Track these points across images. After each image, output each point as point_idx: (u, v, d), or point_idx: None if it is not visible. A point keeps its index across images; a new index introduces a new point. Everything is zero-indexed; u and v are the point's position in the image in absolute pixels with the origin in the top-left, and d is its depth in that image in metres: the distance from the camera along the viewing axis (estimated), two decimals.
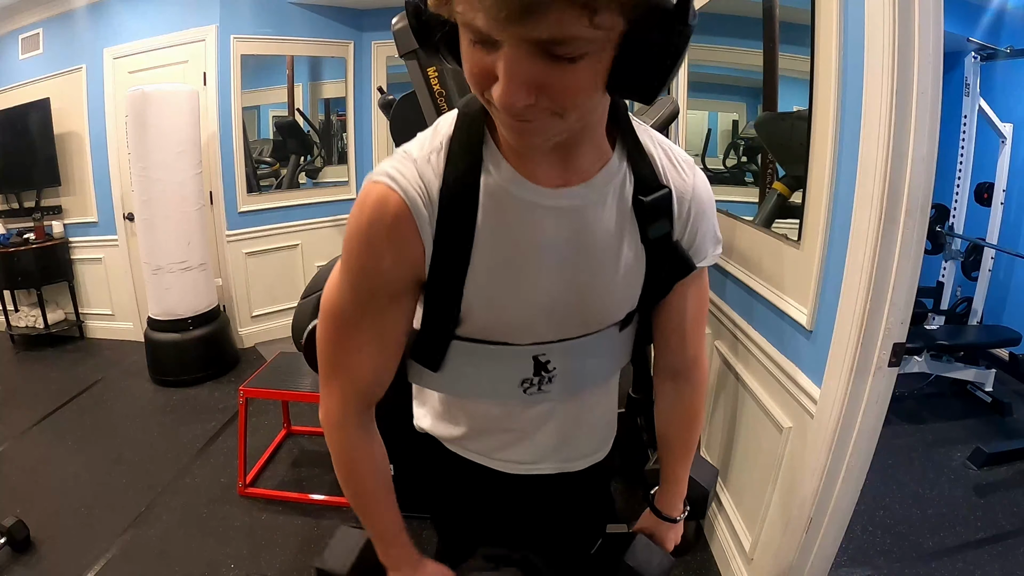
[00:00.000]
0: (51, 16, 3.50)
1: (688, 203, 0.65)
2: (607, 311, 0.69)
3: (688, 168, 0.66)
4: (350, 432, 0.70)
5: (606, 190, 0.61)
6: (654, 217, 0.63)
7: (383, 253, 0.58)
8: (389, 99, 2.71)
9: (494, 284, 0.61)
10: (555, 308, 0.65)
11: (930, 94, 1.01)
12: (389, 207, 0.57)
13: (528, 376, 0.70)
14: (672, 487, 0.88)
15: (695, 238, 0.67)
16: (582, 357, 0.71)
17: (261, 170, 3.77)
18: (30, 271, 3.62)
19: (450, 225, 0.58)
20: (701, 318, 0.79)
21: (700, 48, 2.26)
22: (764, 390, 1.57)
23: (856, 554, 1.86)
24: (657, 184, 0.63)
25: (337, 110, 4.00)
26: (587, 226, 0.61)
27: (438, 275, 0.60)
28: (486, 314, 0.63)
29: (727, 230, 1.86)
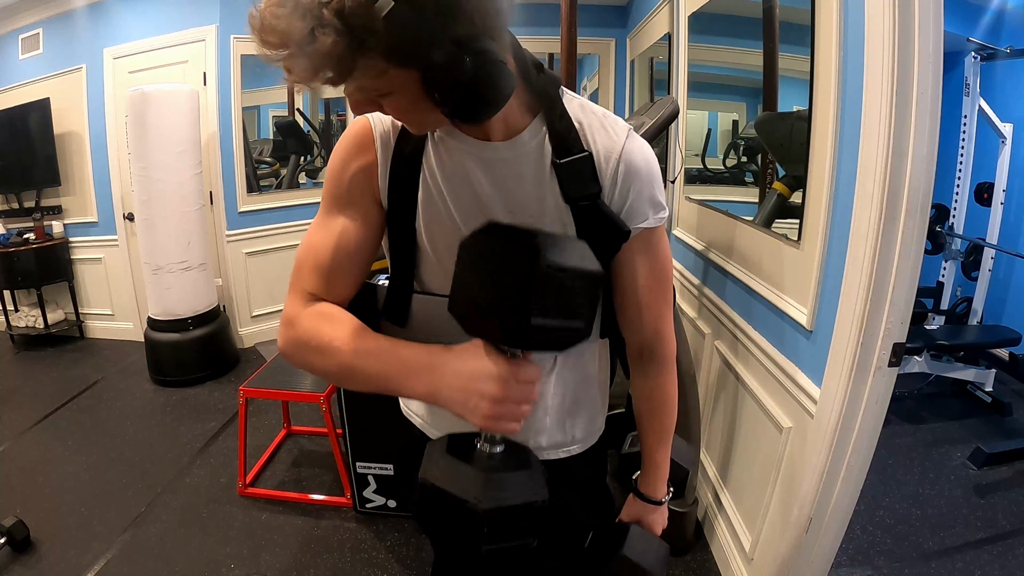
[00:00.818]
0: (51, 16, 3.50)
1: (615, 163, 0.68)
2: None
3: (620, 131, 0.70)
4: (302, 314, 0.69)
5: (526, 150, 0.68)
6: (571, 177, 0.68)
7: (346, 156, 0.71)
8: None
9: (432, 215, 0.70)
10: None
11: (930, 94, 1.01)
12: (357, 125, 0.72)
13: None
14: (653, 470, 0.88)
15: (626, 200, 0.70)
16: None
17: (261, 170, 3.77)
18: (30, 271, 3.62)
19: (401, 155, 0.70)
20: (660, 289, 0.78)
21: (700, 48, 2.26)
22: (764, 390, 1.57)
23: (856, 554, 1.86)
24: (577, 148, 0.68)
25: (337, 110, 4.00)
26: (511, 177, 0.69)
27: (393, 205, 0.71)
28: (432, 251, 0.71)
29: (727, 230, 1.86)
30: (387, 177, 0.71)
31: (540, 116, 0.69)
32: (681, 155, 2.40)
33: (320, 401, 2.07)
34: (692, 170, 2.41)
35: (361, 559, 1.88)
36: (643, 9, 3.26)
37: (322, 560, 1.88)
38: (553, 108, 0.68)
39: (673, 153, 2.47)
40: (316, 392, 2.09)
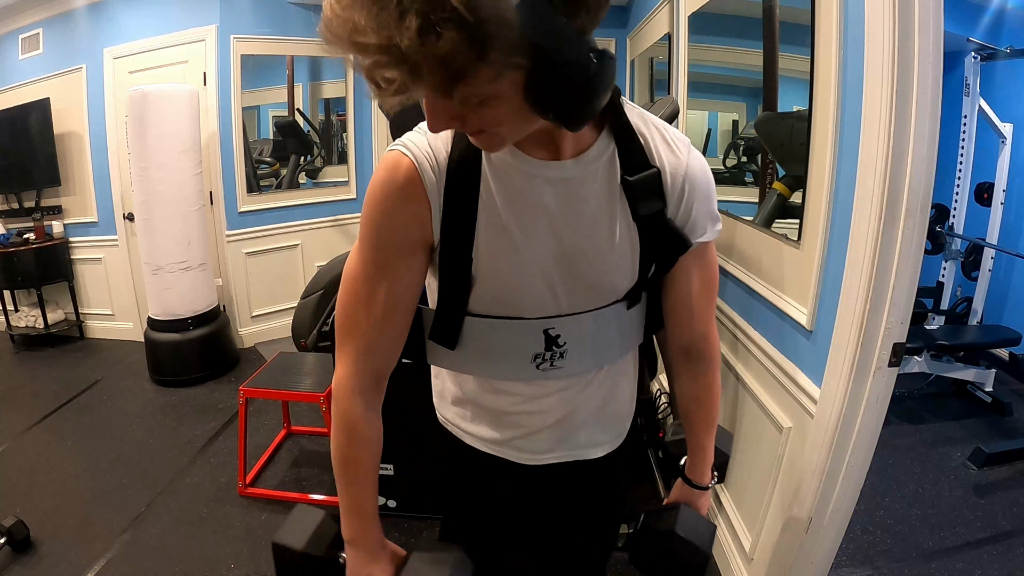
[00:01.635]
0: (51, 16, 3.50)
1: (681, 180, 0.68)
2: (606, 280, 0.71)
3: (682, 146, 0.69)
4: (355, 402, 0.72)
5: (594, 167, 0.65)
6: (642, 195, 0.66)
7: (394, 210, 0.64)
8: None
9: (497, 246, 0.66)
10: (555, 273, 0.68)
11: (930, 94, 1.01)
12: (400, 169, 0.63)
13: (540, 351, 0.72)
14: (701, 456, 0.91)
15: (690, 215, 0.70)
16: (591, 332, 0.74)
17: (261, 170, 3.77)
18: (30, 271, 3.62)
19: (456, 189, 0.63)
20: (708, 294, 0.80)
21: (700, 48, 2.26)
22: (764, 390, 1.57)
23: (856, 554, 1.86)
24: (645, 164, 0.66)
25: (337, 110, 4.00)
26: (579, 198, 0.65)
27: (448, 237, 0.65)
28: (493, 279, 0.67)
29: (727, 230, 1.86)
30: (440, 214, 0.65)
31: (607, 130, 0.66)
32: None
33: (320, 401, 2.07)
34: None
35: None
36: (643, 9, 3.26)
37: None
38: (619, 121, 0.66)
39: None
40: (316, 392, 2.09)
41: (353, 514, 0.76)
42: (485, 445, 0.83)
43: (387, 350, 0.72)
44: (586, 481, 0.87)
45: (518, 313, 0.70)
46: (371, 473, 0.75)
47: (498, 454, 0.82)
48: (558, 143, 0.63)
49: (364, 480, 0.75)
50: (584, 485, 0.87)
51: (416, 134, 0.65)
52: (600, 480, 0.89)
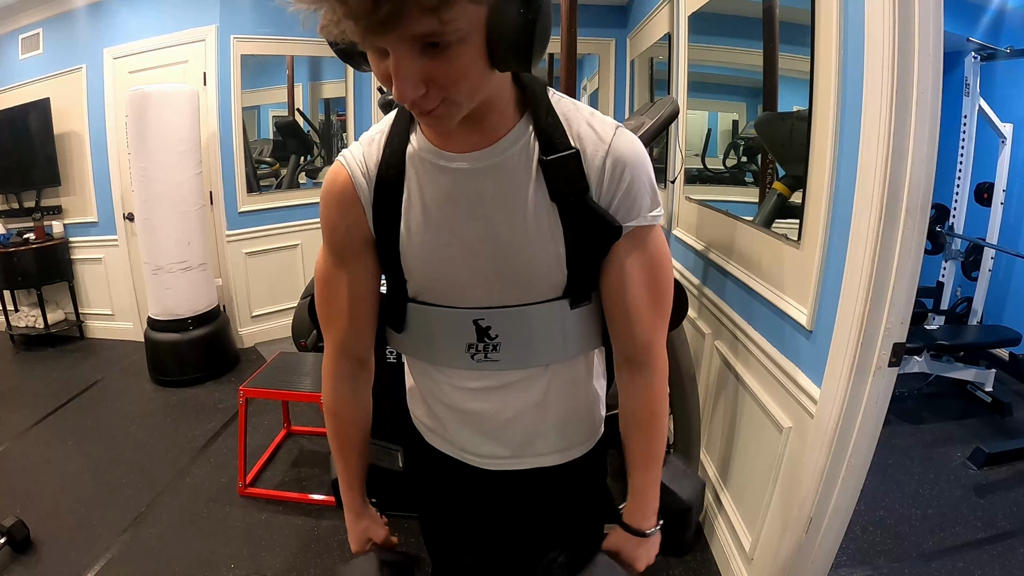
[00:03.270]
0: (51, 16, 3.50)
1: (603, 160, 0.66)
2: (530, 270, 0.69)
3: (607, 128, 0.67)
4: (337, 383, 0.82)
5: (511, 152, 0.66)
6: (560, 176, 0.66)
7: (335, 216, 0.72)
8: (389, 99, 2.71)
9: (422, 240, 0.69)
10: (478, 262, 0.69)
11: (930, 94, 1.01)
12: (338, 179, 0.71)
13: (472, 341, 0.73)
14: (637, 498, 0.81)
15: (614, 195, 0.66)
16: (525, 328, 0.72)
17: (261, 170, 3.77)
18: (30, 271, 3.62)
19: (383, 191, 0.69)
20: (653, 299, 0.73)
21: (700, 48, 2.26)
22: (764, 390, 1.57)
23: (856, 554, 1.86)
24: (565, 145, 0.66)
25: (337, 110, 4.00)
26: (495, 184, 0.67)
27: (380, 233, 0.71)
28: (420, 270, 0.71)
29: (727, 230, 1.86)
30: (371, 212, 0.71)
31: (527, 115, 0.67)
32: (681, 155, 2.40)
33: (320, 401, 2.07)
34: (692, 170, 2.41)
35: None
36: (643, 9, 3.26)
37: (322, 560, 1.88)
38: (539, 106, 0.66)
39: (673, 153, 2.47)
40: (316, 392, 2.09)
41: (342, 477, 0.87)
42: (446, 446, 0.85)
43: (360, 337, 0.79)
44: (549, 488, 0.84)
45: (449, 302, 0.72)
46: (358, 445, 0.86)
47: (458, 457, 0.84)
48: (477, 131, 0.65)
49: (351, 451, 0.86)
50: (547, 492, 0.85)
51: (355, 145, 0.72)
52: (565, 487, 0.86)
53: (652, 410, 0.79)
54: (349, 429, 0.84)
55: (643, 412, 0.79)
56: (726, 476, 1.86)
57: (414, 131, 0.68)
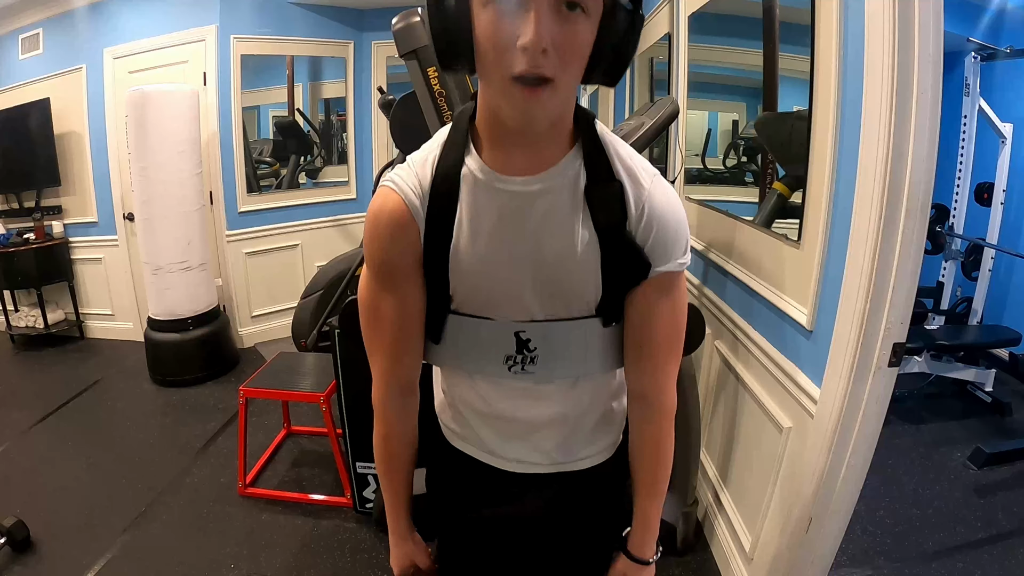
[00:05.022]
0: (51, 16, 3.50)
1: (643, 203, 0.70)
2: (571, 288, 0.73)
3: (647, 173, 0.71)
4: (386, 408, 0.84)
5: (561, 179, 0.69)
6: (603, 205, 0.69)
7: (388, 241, 0.72)
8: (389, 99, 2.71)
9: (471, 256, 0.71)
10: (523, 280, 0.72)
11: (930, 94, 1.01)
12: (388, 203, 0.71)
13: (511, 353, 0.76)
14: (642, 527, 0.86)
15: (649, 238, 0.71)
16: (563, 343, 0.76)
17: (261, 170, 3.77)
18: (30, 271, 3.62)
19: (437, 208, 0.71)
20: (669, 342, 0.77)
21: (700, 48, 2.26)
22: (764, 390, 1.57)
23: (856, 554, 1.86)
24: (610, 176, 0.70)
25: (337, 110, 4.00)
26: (544, 208, 0.69)
27: (430, 249, 0.72)
28: (468, 285, 0.73)
29: (727, 230, 1.86)
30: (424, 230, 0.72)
31: (578, 145, 0.70)
32: (681, 155, 2.40)
33: (320, 401, 2.07)
34: (692, 170, 2.41)
35: (361, 559, 1.88)
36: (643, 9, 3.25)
37: (322, 560, 1.88)
38: (589, 137, 0.70)
39: (673, 153, 2.47)
40: (316, 392, 2.09)
41: (389, 502, 0.90)
42: (473, 450, 0.87)
43: (407, 361, 0.80)
44: (573, 491, 0.87)
45: (491, 314, 0.75)
46: (406, 467, 0.88)
47: (485, 460, 0.86)
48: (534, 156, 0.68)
49: (399, 475, 0.88)
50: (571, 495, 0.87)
51: (403, 169, 0.73)
52: (589, 491, 0.88)
53: (658, 446, 0.83)
54: (400, 454, 0.87)
55: (649, 447, 0.83)
56: (726, 476, 1.86)
57: (469, 153, 0.70)
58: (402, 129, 2.44)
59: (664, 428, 0.82)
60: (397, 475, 0.88)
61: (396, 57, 2.20)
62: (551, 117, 0.63)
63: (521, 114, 0.61)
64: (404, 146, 2.57)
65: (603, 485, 0.89)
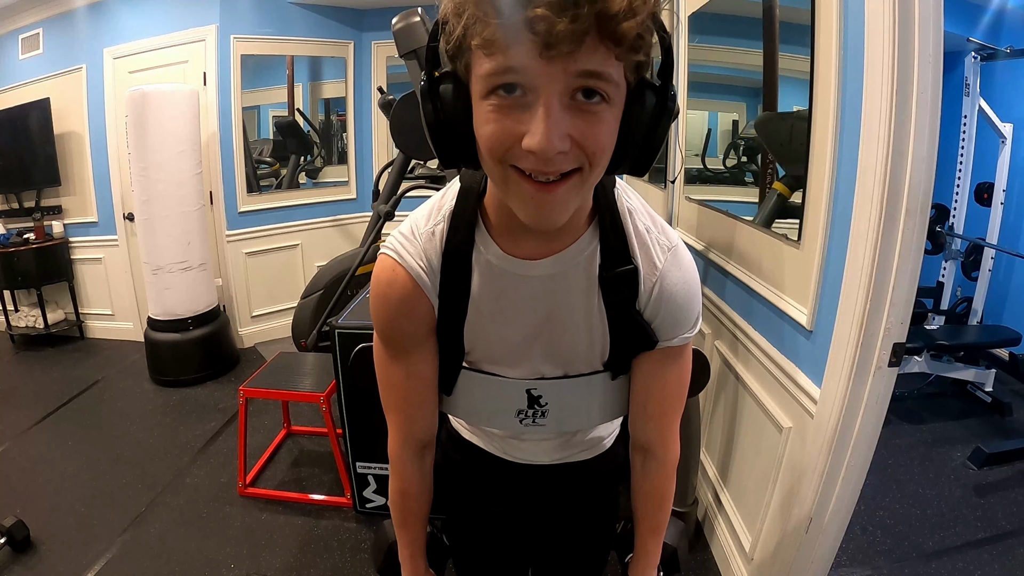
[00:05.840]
0: (51, 16, 3.50)
1: (654, 284, 0.69)
2: (579, 357, 0.75)
3: (663, 249, 0.69)
4: (402, 464, 0.84)
5: (575, 262, 0.68)
6: (616, 289, 0.69)
7: (398, 316, 0.71)
8: (389, 99, 2.71)
9: (485, 328, 0.73)
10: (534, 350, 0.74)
11: (930, 94, 1.01)
12: (398, 280, 0.69)
13: (523, 408, 0.78)
14: (643, 557, 0.90)
15: (658, 316, 0.71)
16: (573, 397, 0.78)
17: (261, 170, 3.77)
18: (30, 271, 3.62)
19: (450, 287, 0.70)
20: (672, 401, 0.79)
21: (700, 48, 2.26)
22: (764, 390, 1.57)
23: (856, 554, 1.86)
24: (625, 259, 0.68)
25: (337, 110, 4.00)
26: (557, 288, 0.70)
27: (444, 323, 0.73)
28: (482, 349, 0.75)
29: (727, 230, 1.86)
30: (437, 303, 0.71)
31: (595, 224, 0.68)
32: (681, 155, 2.40)
33: (320, 401, 2.07)
34: (692, 170, 2.41)
35: (361, 559, 1.88)
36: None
37: (322, 560, 1.88)
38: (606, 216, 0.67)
39: (673, 153, 2.47)
40: (316, 392, 2.09)
41: (406, 551, 0.89)
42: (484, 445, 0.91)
43: (422, 420, 0.81)
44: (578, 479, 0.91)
45: (503, 372, 0.77)
46: (422, 518, 0.89)
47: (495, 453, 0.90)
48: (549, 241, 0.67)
49: (414, 525, 0.89)
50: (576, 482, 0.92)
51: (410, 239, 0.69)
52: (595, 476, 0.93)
53: (660, 493, 0.86)
54: (416, 505, 0.88)
55: (653, 494, 0.86)
56: (726, 476, 1.86)
57: (481, 237, 0.68)
58: (402, 129, 2.44)
59: (665, 478, 0.85)
60: (414, 526, 0.89)
61: (396, 57, 2.20)
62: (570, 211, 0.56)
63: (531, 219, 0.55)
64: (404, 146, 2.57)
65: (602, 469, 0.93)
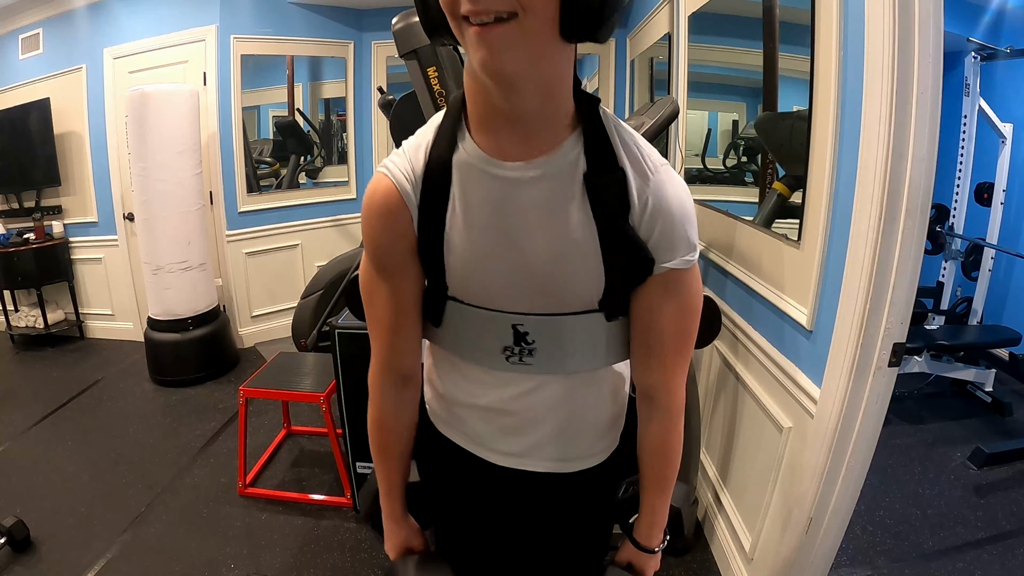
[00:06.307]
0: (51, 16, 3.50)
1: (648, 195, 0.66)
2: (568, 283, 0.70)
3: (655, 162, 0.67)
4: (381, 395, 0.83)
5: (558, 166, 0.65)
6: (604, 196, 0.65)
7: (379, 227, 0.71)
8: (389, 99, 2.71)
9: (463, 243, 0.69)
10: (516, 271, 0.70)
11: (930, 94, 1.02)
12: (380, 188, 0.70)
13: (509, 344, 0.74)
14: (649, 517, 0.85)
15: (653, 232, 0.67)
16: (563, 337, 0.73)
17: (261, 170, 3.77)
18: (30, 271, 3.62)
19: (429, 195, 0.69)
20: (678, 340, 0.74)
21: (700, 48, 2.26)
22: (764, 390, 1.57)
23: (856, 554, 1.86)
24: (613, 165, 0.65)
25: (337, 110, 4.00)
26: (540, 196, 0.66)
27: (423, 237, 0.71)
28: (462, 272, 0.71)
29: (727, 230, 1.86)
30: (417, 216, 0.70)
31: (579, 130, 0.66)
32: (681, 155, 2.40)
33: (320, 401, 2.07)
34: (692, 170, 2.41)
35: (361, 559, 1.88)
36: (643, 9, 3.26)
37: (322, 560, 1.88)
38: (592, 123, 0.66)
39: (673, 153, 2.47)
40: (316, 392, 2.09)
41: (383, 487, 0.88)
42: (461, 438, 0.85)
43: (403, 348, 0.79)
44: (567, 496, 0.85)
45: (489, 304, 0.73)
46: (399, 456, 0.87)
47: (473, 451, 0.84)
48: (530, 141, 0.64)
49: (392, 462, 0.87)
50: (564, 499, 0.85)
51: (398, 154, 0.71)
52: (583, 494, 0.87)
53: (666, 445, 0.81)
54: (392, 440, 0.85)
55: (657, 445, 0.81)
56: (726, 476, 1.86)
57: (462, 137, 0.67)
58: (402, 129, 2.44)
59: (670, 428, 0.80)
60: (389, 463, 0.87)
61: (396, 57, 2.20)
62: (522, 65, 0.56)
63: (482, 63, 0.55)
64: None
65: (596, 488, 0.88)
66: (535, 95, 0.60)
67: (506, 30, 0.53)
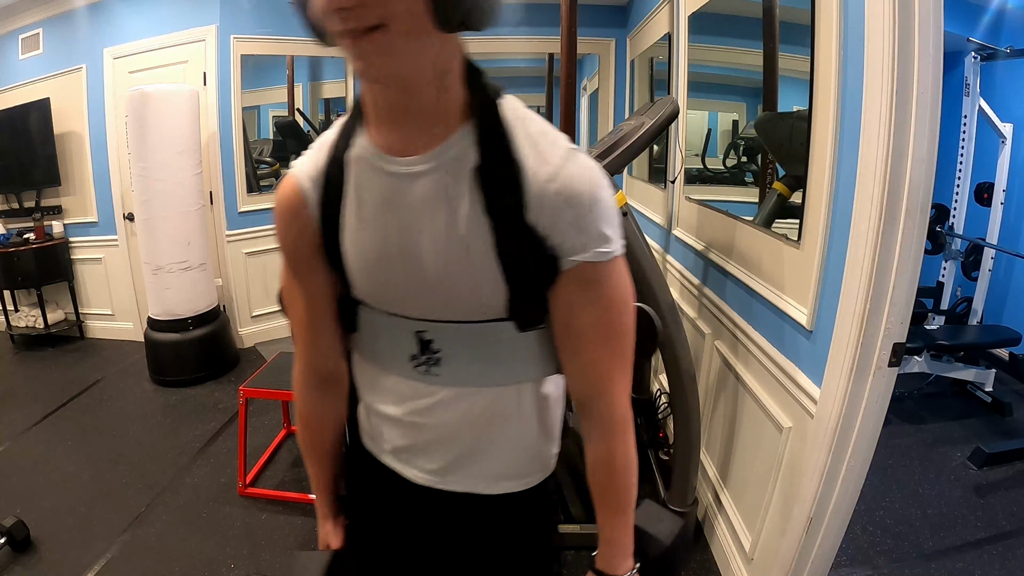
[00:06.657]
0: (51, 16, 3.50)
1: (546, 183, 0.60)
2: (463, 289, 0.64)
3: (558, 148, 0.61)
4: (304, 392, 0.83)
5: (445, 158, 0.62)
6: (496, 190, 0.61)
7: (284, 226, 0.71)
8: None
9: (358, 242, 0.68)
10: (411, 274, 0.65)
11: (930, 94, 1.02)
12: (285, 188, 0.70)
13: (415, 352, 0.70)
14: (608, 546, 0.76)
15: (560, 224, 0.60)
16: (471, 347, 0.69)
17: (261, 170, 3.77)
18: (30, 271, 3.62)
19: (327, 194, 0.68)
20: (606, 342, 0.67)
21: (700, 48, 2.26)
22: (764, 390, 1.57)
23: (856, 554, 1.86)
24: (505, 157, 0.61)
25: (337, 110, 4.00)
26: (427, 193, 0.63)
27: (326, 235, 0.69)
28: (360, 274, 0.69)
29: (727, 230, 1.86)
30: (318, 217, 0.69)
31: (471, 121, 0.62)
32: (681, 155, 2.40)
33: None
34: (692, 170, 2.41)
35: None
36: (643, 9, 3.26)
37: None
38: (485, 112, 0.62)
39: (673, 153, 2.47)
40: None
41: (313, 484, 0.89)
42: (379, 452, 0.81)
43: (321, 349, 0.78)
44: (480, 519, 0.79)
45: (392, 309, 0.70)
46: (323, 456, 0.87)
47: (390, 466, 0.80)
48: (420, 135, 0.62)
49: (319, 459, 0.87)
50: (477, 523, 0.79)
51: (307, 152, 0.70)
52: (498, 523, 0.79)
53: (610, 460, 0.72)
54: (315, 439, 0.86)
55: (600, 461, 0.73)
56: (726, 476, 1.86)
57: (359, 134, 0.66)
58: None
59: (617, 444, 0.72)
60: (313, 460, 0.87)
61: None
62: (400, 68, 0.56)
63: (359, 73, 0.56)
64: None
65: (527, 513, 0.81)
66: (421, 91, 0.59)
67: (376, 38, 0.53)
